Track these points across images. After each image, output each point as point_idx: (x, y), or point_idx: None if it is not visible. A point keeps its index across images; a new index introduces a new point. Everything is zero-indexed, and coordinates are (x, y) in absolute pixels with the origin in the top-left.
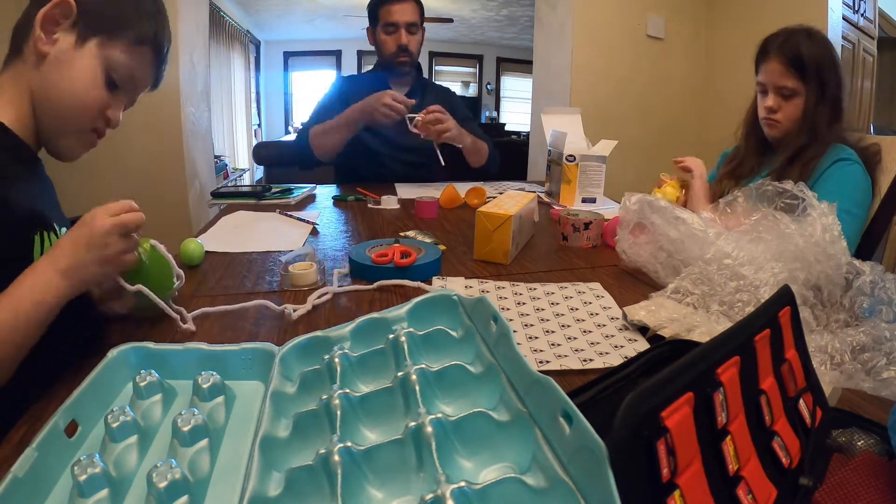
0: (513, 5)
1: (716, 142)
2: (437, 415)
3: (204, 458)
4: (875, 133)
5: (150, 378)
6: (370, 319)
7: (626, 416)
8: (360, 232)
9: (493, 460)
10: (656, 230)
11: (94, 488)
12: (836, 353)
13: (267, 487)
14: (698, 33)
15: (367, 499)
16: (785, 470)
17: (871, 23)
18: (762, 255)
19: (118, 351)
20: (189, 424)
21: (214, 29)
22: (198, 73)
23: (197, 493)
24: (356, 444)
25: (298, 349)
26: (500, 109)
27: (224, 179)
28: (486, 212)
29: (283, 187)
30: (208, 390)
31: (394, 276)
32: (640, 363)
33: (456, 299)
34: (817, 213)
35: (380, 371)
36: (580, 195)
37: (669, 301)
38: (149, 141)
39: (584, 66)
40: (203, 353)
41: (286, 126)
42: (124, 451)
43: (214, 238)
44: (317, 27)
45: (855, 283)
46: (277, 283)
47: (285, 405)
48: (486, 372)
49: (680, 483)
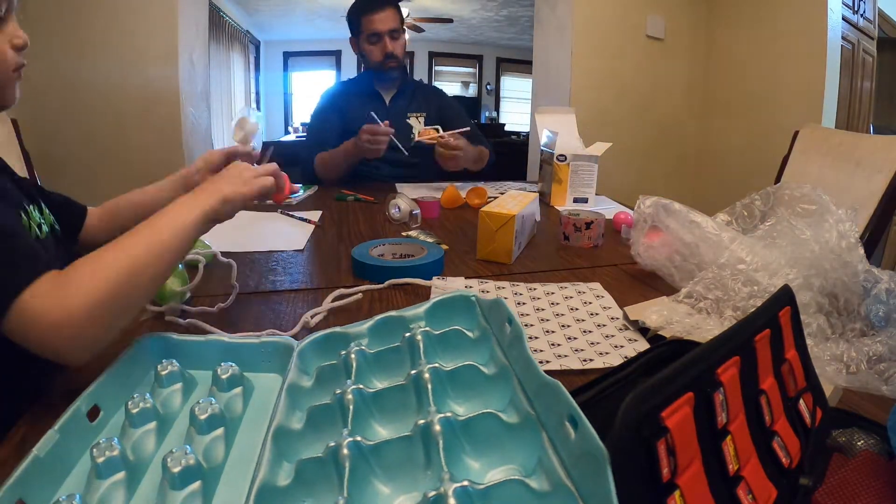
0: (513, 5)
1: (715, 141)
2: (446, 414)
3: (219, 446)
4: (875, 133)
5: (171, 367)
6: (388, 317)
7: (626, 416)
8: (361, 232)
9: (501, 462)
10: (671, 233)
11: (111, 470)
12: (851, 361)
13: (277, 477)
14: (698, 33)
15: (373, 493)
16: (785, 470)
17: (870, 23)
18: (777, 260)
19: (142, 340)
20: (206, 413)
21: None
22: (198, 73)
23: (210, 479)
24: (366, 439)
25: (316, 344)
26: (499, 109)
27: None
28: (489, 211)
29: None
30: (227, 381)
31: (398, 276)
32: (640, 363)
33: (473, 300)
34: (834, 219)
35: (395, 368)
36: (571, 195)
37: (674, 304)
38: (149, 141)
39: (584, 67)
40: (223, 344)
41: (286, 126)
42: (142, 436)
43: (216, 238)
44: (317, 27)
45: (872, 290)
46: (281, 281)
47: (300, 398)
48: (499, 373)
49: (680, 483)
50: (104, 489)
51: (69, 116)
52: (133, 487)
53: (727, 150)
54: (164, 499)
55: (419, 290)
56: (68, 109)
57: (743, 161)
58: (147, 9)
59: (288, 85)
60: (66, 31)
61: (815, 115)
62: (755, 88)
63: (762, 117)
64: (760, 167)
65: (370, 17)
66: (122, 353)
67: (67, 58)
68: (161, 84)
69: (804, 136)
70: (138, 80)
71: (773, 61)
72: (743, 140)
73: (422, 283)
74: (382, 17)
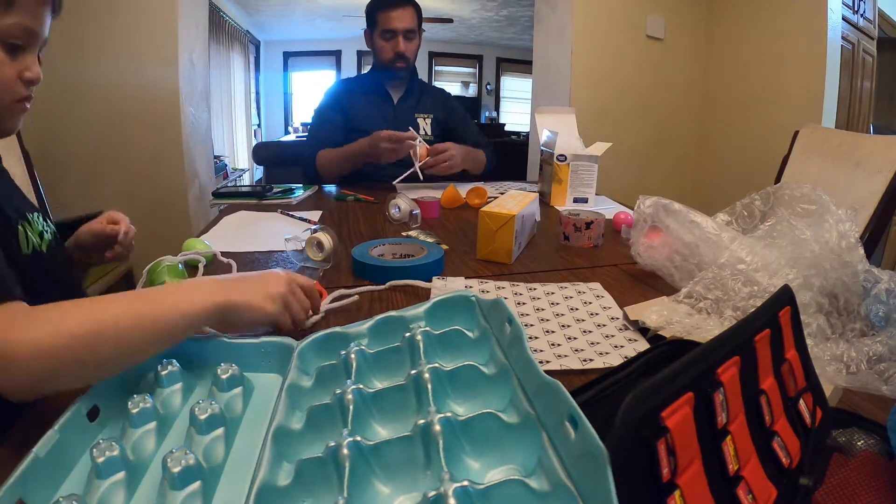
0: (513, 5)
1: (715, 141)
2: (446, 414)
3: (219, 446)
4: (875, 133)
5: (171, 367)
6: (388, 317)
7: (626, 416)
8: (361, 232)
9: (501, 462)
10: (671, 233)
11: (111, 470)
12: (851, 361)
13: (277, 477)
14: (698, 33)
15: (373, 493)
16: (785, 470)
17: (870, 23)
18: (776, 260)
19: None
20: (206, 413)
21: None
22: (198, 73)
23: (210, 479)
24: (366, 439)
25: (316, 344)
26: (499, 110)
27: (224, 179)
28: (489, 211)
29: (284, 187)
30: (227, 381)
31: (399, 276)
32: (640, 363)
33: (473, 300)
34: (834, 219)
35: (395, 368)
36: (571, 195)
37: (674, 304)
38: (149, 141)
39: (584, 67)
40: (224, 344)
41: (286, 126)
42: (142, 436)
43: (217, 237)
44: (316, 27)
45: (872, 290)
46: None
47: (300, 398)
48: (499, 373)
49: (680, 483)
50: (104, 489)
51: (69, 116)
52: (133, 487)
53: (727, 150)
54: (164, 499)
55: (419, 290)
56: (68, 109)
57: (743, 161)
58: (147, 9)
59: (288, 85)
60: (67, 32)
61: (815, 115)
62: (755, 88)
63: (762, 117)
64: (760, 167)
65: (387, 14)
66: None
67: (67, 58)
68: (161, 84)
69: (804, 136)
70: (138, 80)
71: (773, 61)
72: (743, 140)
73: (422, 286)
74: (399, 15)
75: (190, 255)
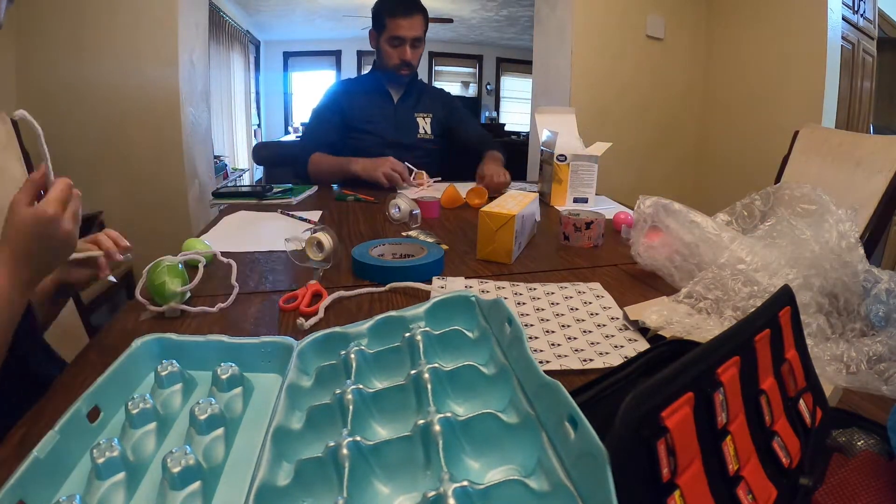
0: (513, 6)
1: (715, 141)
2: (446, 414)
3: (219, 446)
4: (875, 133)
5: (171, 368)
6: (388, 317)
7: (626, 416)
8: (361, 232)
9: (500, 462)
10: (671, 233)
11: (111, 471)
12: (851, 361)
13: (276, 477)
14: (698, 33)
15: (373, 493)
16: (785, 470)
17: (870, 23)
18: (776, 260)
19: (142, 341)
20: (206, 413)
21: (214, 29)
22: (198, 73)
23: (210, 479)
24: (365, 439)
25: (316, 344)
26: (499, 110)
27: (224, 179)
28: (488, 211)
29: (284, 187)
30: (227, 381)
31: (399, 276)
32: (640, 363)
33: (473, 300)
34: (834, 219)
35: (395, 368)
36: (571, 195)
37: (674, 304)
38: (149, 141)
39: (584, 67)
40: (223, 344)
41: (286, 126)
42: (143, 437)
43: (217, 237)
44: (316, 27)
45: (872, 290)
46: (281, 281)
47: (300, 398)
48: (499, 374)
49: (680, 483)
50: (104, 490)
51: (69, 116)
52: (133, 488)
53: (727, 150)
54: (164, 499)
55: (419, 290)
56: (68, 109)
57: (743, 161)
58: (147, 9)
59: (288, 85)
60: (66, 32)
61: (815, 115)
62: (755, 88)
63: (762, 117)
64: (760, 167)
65: (396, 21)
66: (122, 354)
67: (67, 58)
68: (161, 84)
69: (804, 136)
70: (138, 80)
71: (772, 61)
72: (743, 140)
73: (422, 287)
74: (409, 24)
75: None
